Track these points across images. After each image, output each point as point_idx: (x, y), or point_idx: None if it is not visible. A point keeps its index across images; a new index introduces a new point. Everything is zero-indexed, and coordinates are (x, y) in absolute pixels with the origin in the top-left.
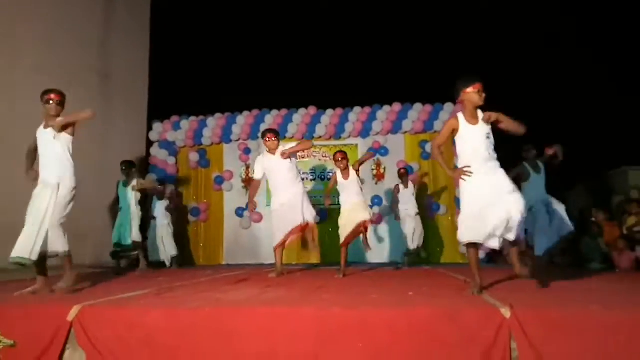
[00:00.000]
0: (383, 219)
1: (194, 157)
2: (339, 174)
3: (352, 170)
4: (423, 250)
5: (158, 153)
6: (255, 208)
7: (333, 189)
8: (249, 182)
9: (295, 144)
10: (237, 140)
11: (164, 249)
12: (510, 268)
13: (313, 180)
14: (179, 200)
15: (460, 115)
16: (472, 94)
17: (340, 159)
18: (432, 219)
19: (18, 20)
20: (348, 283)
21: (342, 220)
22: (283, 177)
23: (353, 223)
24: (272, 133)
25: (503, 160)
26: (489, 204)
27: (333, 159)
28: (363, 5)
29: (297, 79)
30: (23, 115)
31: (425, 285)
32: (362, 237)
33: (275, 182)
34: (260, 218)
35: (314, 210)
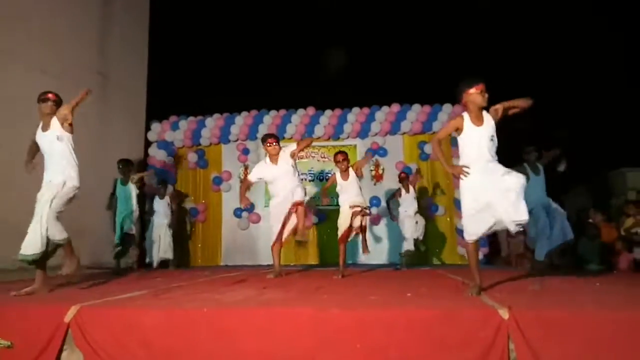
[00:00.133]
0: (381, 220)
1: (193, 157)
2: (339, 175)
3: (352, 171)
4: (422, 244)
5: (156, 153)
6: (250, 203)
7: (331, 188)
8: None
9: (297, 145)
10: (235, 141)
11: (158, 249)
12: (509, 270)
13: (312, 181)
14: (180, 199)
15: (466, 116)
16: (474, 95)
17: (341, 160)
18: (430, 220)
19: (16, 20)
20: (346, 284)
21: (340, 220)
22: (283, 184)
23: (349, 217)
24: (272, 138)
25: (503, 162)
26: (490, 201)
27: (334, 160)
28: (361, 6)
29: (295, 80)
30: (21, 116)
31: (424, 286)
32: (360, 238)
33: (276, 188)
34: (259, 219)
35: (308, 213)
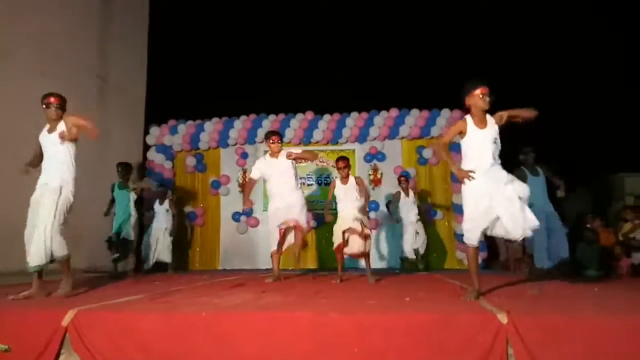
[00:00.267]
0: (380, 225)
1: (191, 161)
2: (338, 181)
3: (351, 178)
4: (421, 262)
5: (155, 157)
6: (252, 205)
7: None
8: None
9: (302, 151)
10: (234, 145)
11: (155, 252)
12: (507, 274)
13: (310, 185)
14: (180, 205)
15: (469, 118)
16: (476, 99)
17: (342, 167)
18: (429, 225)
19: (14, 23)
20: (345, 288)
21: (336, 226)
22: (282, 182)
23: (340, 230)
24: (276, 135)
25: (503, 164)
26: (493, 208)
27: (335, 165)
28: (360, 11)
29: (294, 84)
30: (20, 119)
31: (422, 291)
32: (365, 266)
33: (274, 186)
34: (257, 223)
35: (308, 217)
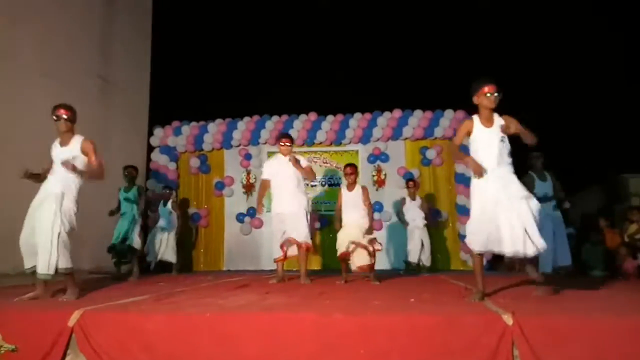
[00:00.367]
0: (384, 226)
1: (195, 162)
2: (344, 188)
3: (358, 186)
4: (425, 269)
5: (159, 158)
6: (264, 210)
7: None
8: (250, 187)
9: (306, 164)
10: (237, 146)
11: (158, 252)
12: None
13: (314, 186)
14: (185, 206)
15: (476, 118)
16: (482, 97)
17: (349, 173)
18: (433, 226)
19: (17, 23)
20: (349, 289)
21: (340, 234)
22: (287, 184)
23: (346, 241)
24: (286, 138)
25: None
26: (499, 214)
27: (343, 171)
28: (363, 12)
29: (297, 85)
30: (23, 120)
31: (427, 292)
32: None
33: (278, 187)
34: (261, 224)
35: (312, 220)
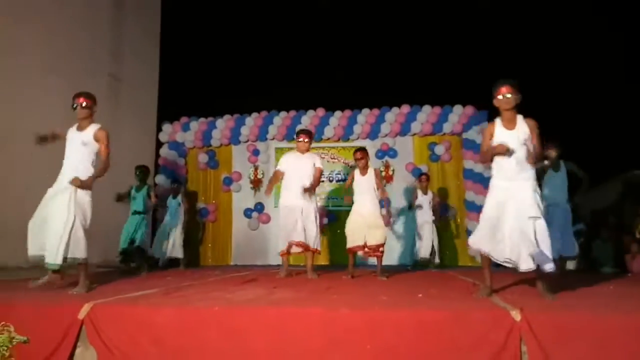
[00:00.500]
0: (392, 221)
1: (203, 158)
2: (357, 171)
3: (370, 170)
4: (432, 263)
5: (167, 154)
6: (271, 192)
7: (349, 189)
8: (257, 183)
9: (318, 165)
10: (245, 142)
11: (165, 248)
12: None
13: (322, 182)
14: (193, 200)
15: (498, 120)
16: (498, 99)
17: (360, 158)
18: (441, 222)
19: (27, 21)
20: (356, 284)
21: (349, 224)
22: (300, 182)
23: (360, 239)
24: (305, 134)
25: None
26: (508, 223)
27: (353, 158)
28: (371, 7)
29: (305, 81)
30: (32, 116)
31: (435, 288)
32: (377, 263)
33: (290, 181)
34: (268, 219)
35: (319, 236)
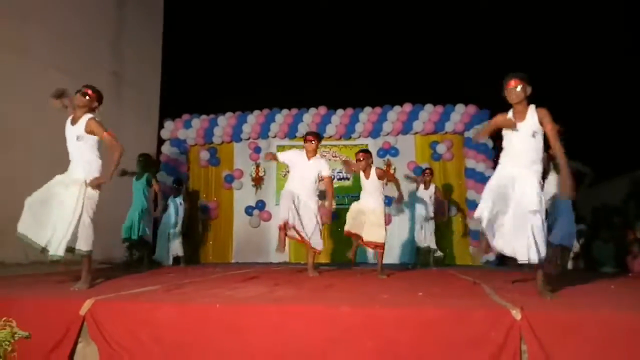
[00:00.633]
0: (393, 220)
1: (205, 155)
2: (362, 173)
3: (373, 171)
4: (433, 255)
5: (169, 151)
6: (273, 158)
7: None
8: (259, 180)
9: (329, 188)
10: (247, 139)
11: (166, 247)
12: (521, 271)
13: (322, 181)
14: (195, 198)
15: (510, 111)
16: (506, 92)
17: (361, 159)
18: (442, 221)
19: (29, 18)
20: (357, 282)
21: (350, 209)
22: (304, 181)
23: (357, 228)
24: (312, 136)
25: None
26: (506, 212)
27: (355, 158)
28: (373, 6)
29: (307, 79)
30: (33, 113)
31: (435, 286)
32: (378, 260)
33: (295, 181)
34: (270, 217)
35: (319, 237)
